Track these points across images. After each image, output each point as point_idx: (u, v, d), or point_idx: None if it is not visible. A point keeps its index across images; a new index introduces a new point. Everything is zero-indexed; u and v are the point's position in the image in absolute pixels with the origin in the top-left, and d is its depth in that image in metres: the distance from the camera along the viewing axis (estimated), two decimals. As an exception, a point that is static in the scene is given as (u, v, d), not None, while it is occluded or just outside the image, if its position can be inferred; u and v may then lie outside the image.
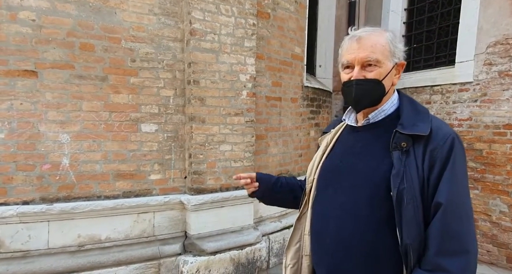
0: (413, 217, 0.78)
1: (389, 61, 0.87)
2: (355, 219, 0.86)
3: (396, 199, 0.79)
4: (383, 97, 0.90)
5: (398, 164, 0.81)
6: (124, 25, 2.22)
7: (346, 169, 0.92)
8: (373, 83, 0.87)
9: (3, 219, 1.97)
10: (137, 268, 2.26)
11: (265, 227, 2.90)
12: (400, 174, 0.80)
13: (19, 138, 2.01)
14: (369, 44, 0.86)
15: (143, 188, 2.38)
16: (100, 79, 2.18)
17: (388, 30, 0.90)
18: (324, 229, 0.93)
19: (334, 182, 0.94)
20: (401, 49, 0.89)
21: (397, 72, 0.91)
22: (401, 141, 0.83)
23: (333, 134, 1.04)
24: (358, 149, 0.93)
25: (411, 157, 0.81)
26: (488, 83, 3.09)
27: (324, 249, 0.94)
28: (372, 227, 0.84)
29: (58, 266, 2.06)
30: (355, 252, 0.86)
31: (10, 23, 1.93)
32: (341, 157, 0.96)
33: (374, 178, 0.85)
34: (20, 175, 2.03)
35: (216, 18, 2.43)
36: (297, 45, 3.28)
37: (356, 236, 0.85)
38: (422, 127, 0.83)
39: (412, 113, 0.87)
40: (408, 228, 0.79)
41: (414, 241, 0.79)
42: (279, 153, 3.11)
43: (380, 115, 0.92)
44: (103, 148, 2.23)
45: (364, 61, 0.86)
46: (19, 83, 1.99)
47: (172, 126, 2.45)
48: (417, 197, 0.79)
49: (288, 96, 3.17)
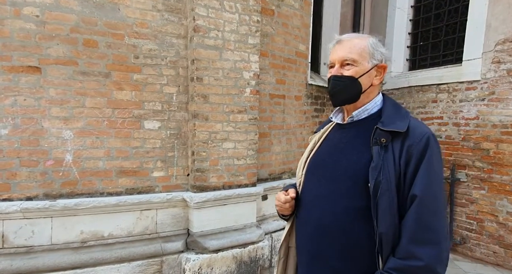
0: (387, 207, 0.85)
1: (366, 61, 0.95)
2: (335, 208, 0.93)
3: (373, 190, 0.86)
4: (360, 95, 0.97)
5: (377, 158, 0.88)
6: (128, 22, 2.21)
7: (330, 163, 0.99)
8: (348, 80, 0.95)
9: (7, 214, 1.98)
10: (140, 265, 2.27)
11: (268, 225, 2.88)
12: (378, 167, 0.86)
13: (22, 133, 2.02)
14: (348, 45, 0.96)
15: (146, 185, 2.37)
16: (103, 75, 2.18)
17: (374, 37, 0.99)
18: (307, 216, 1.01)
19: (318, 174, 1.01)
20: (382, 53, 0.97)
21: (378, 74, 0.98)
22: (381, 137, 0.90)
23: (322, 133, 1.12)
24: (342, 144, 1.00)
25: (389, 152, 0.88)
26: (496, 82, 3.03)
27: (305, 236, 1.02)
28: (350, 216, 0.90)
29: (61, 262, 2.06)
30: (333, 239, 0.93)
31: (14, 19, 1.94)
32: (327, 153, 1.03)
33: (355, 171, 0.92)
34: (23, 171, 2.04)
35: (219, 14, 2.41)
36: (302, 42, 3.25)
37: (335, 224, 0.92)
38: (400, 125, 0.90)
39: (393, 113, 0.95)
40: (383, 217, 0.85)
41: (388, 230, 0.85)
42: (282, 151, 3.09)
43: (363, 114, 1.00)
44: (106, 145, 2.23)
45: (342, 60, 0.96)
46: (23, 79, 1.99)
47: (175, 124, 2.44)
48: (392, 189, 0.85)
49: (292, 94, 3.14)
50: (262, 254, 2.64)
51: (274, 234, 2.89)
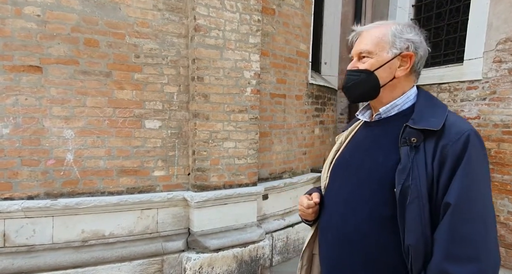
0: (417, 216, 0.74)
1: (385, 52, 0.85)
2: (357, 215, 0.84)
3: (400, 196, 0.76)
4: (378, 89, 0.87)
5: (405, 159, 0.77)
6: (129, 21, 2.21)
7: (354, 165, 0.91)
8: (362, 73, 0.87)
9: (9, 213, 1.99)
10: (141, 264, 2.27)
11: (269, 225, 2.88)
12: (406, 170, 0.76)
13: (24, 133, 2.02)
14: (365, 36, 0.88)
15: (146, 184, 2.38)
16: (104, 75, 2.18)
17: (399, 23, 0.87)
18: (328, 223, 0.93)
19: (341, 177, 0.93)
20: (409, 39, 0.84)
21: (403, 64, 0.86)
22: (411, 136, 0.79)
23: (349, 132, 1.03)
24: (367, 144, 0.91)
25: (420, 153, 0.77)
26: (497, 81, 3.03)
27: (326, 244, 0.94)
28: (374, 225, 0.81)
29: (62, 261, 2.07)
30: (355, 249, 0.84)
31: (15, 19, 1.94)
32: (351, 153, 0.95)
33: (380, 174, 0.82)
34: (25, 170, 2.04)
35: (220, 14, 2.40)
36: (302, 41, 3.25)
37: (357, 233, 0.84)
38: (433, 122, 0.78)
39: (427, 109, 0.83)
40: (411, 228, 0.75)
41: (417, 242, 0.74)
42: (283, 151, 3.09)
43: (392, 110, 0.89)
44: (107, 144, 2.23)
45: (358, 53, 0.89)
46: (24, 78, 1.99)
47: (176, 123, 2.44)
48: (423, 195, 0.74)
49: (293, 93, 3.14)
50: (263, 253, 2.64)
51: (274, 233, 2.89)
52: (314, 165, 3.51)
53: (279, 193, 3.01)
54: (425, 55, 0.88)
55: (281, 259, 2.95)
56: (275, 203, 3.01)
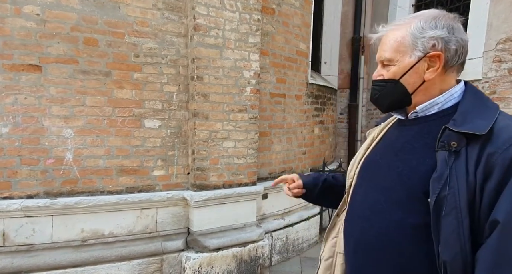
0: (454, 230, 0.66)
1: (407, 56, 0.77)
2: (382, 222, 0.78)
3: (434, 207, 0.68)
4: (409, 96, 0.79)
5: (442, 166, 0.69)
6: (128, 20, 2.21)
7: (384, 167, 0.83)
8: (388, 83, 0.81)
9: (8, 212, 1.99)
10: (140, 264, 2.27)
11: (268, 224, 2.88)
12: (443, 178, 0.67)
13: (23, 132, 2.02)
14: (385, 42, 0.81)
15: (146, 184, 2.38)
16: (103, 74, 2.18)
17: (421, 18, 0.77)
18: (351, 228, 0.88)
19: (369, 179, 0.87)
20: (434, 37, 0.74)
21: (432, 65, 0.76)
22: (451, 139, 0.69)
23: (382, 128, 0.95)
24: (399, 145, 0.82)
25: (461, 160, 0.68)
26: (497, 81, 3.03)
27: (349, 250, 0.89)
28: (402, 234, 0.74)
29: (62, 260, 2.07)
30: (379, 257, 0.78)
31: (15, 18, 1.94)
32: (382, 153, 0.87)
33: (411, 180, 0.75)
34: (24, 169, 2.04)
35: (220, 13, 2.40)
36: (302, 41, 3.24)
37: (382, 242, 0.77)
38: (479, 125, 0.68)
39: (473, 109, 0.73)
40: (447, 242, 0.67)
41: (454, 259, 0.66)
42: (282, 150, 3.09)
43: (432, 109, 0.79)
44: (107, 143, 2.23)
45: (380, 60, 0.83)
46: (24, 77, 1.99)
47: (176, 123, 2.44)
48: (462, 208, 0.66)
49: (293, 93, 3.14)
50: (262, 253, 2.64)
51: (274, 233, 2.89)
52: (314, 164, 3.52)
53: (278, 192, 3.01)
54: (462, 45, 0.75)
55: (280, 259, 2.96)
56: (275, 203, 3.01)
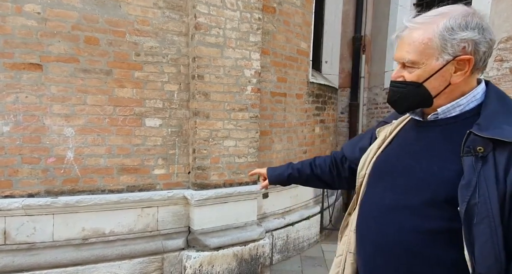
0: (488, 240, 0.63)
1: (434, 59, 0.72)
2: (399, 226, 0.76)
3: (465, 216, 0.65)
4: (431, 99, 0.76)
5: (470, 172, 0.66)
6: (129, 19, 2.20)
7: (400, 169, 0.80)
8: (409, 86, 0.76)
9: (9, 211, 1.99)
10: (141, 262, 2.27)
11: (269, 223, 2.88)
12: (472, 185, 0.65)
13: (24, 130, 2.02)
14: (407, 42, 0.75)
15: (147, 183, 2.38)
16: (104, 73, 2.18)
17: (451, 16, 0.71)
18: (366, 231, 0.86)
19: (384, 181, 0.83)
20: (466, 39, 0.69)
21: (460, 69, 0.72)
22: (477, 144, 0.67)
23: (394, 127, 0.92)
24: (418, 147, 0.79)
25: (489, 166, 0.65)
26: (498, 80, 3.02)
27: (364, 253, 0.87)
28: (418, 238, 0.73)
29: (63, 259, 2.07)
30: (397, 262, 0.76)
31: (16, 16, 1.94)
32: (398, 155, 0.84)
33: (432, 185, 0.72)
34: (25, 168, 2.04)
35: (221, 12, 2.40)
36: (303, 40, 3.24)
37: (399, 245, 0.76)
38: (507, 131, 0.65)
39: (498, 112, 0.70)
40: (482, 253, 0.64)
41: (489, 271, 0.64)
42: (283, 149, 3.08)
43: (453, 111, 0.75)
44: (108, 142, 2.23)
45: (401, 61, 0.77)
46: (25, 76, 1.99)
47: (176, 121, 2.44)
48: (494, 216, 0.63)
49: (293, 92, 3.14)
50: (263, 252, 2.64)
51: (275, 232, 2.89)
52: (315, 163, 3.51)
53: (279, 191, 3.01)
54: (491, 47, 0.72)
55: (281, 258, 2.96)
56: (275, 202, 3.01)
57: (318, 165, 1.18)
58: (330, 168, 1.15)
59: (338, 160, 1.15)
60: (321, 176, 1.17)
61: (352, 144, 1.11)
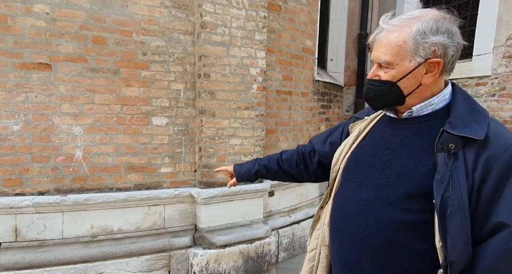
0: (459, 230, 0.69)
1: (407, 61, 0.77)
2: (379, 219, 0.80)
3: (440, 208, 0.70)
4: (403, 98, 0.81)
5: (443, 168, 0.71)
6: (136, 18, 2.22)
7: (377, 164, 0.85)
8: (384, 84, 0.81)
9: (20, 209, 2.02)
10: (148, 260, 2.30)
11: (275, 221, 2.89)
12: (446, 179, 0.70)
13: (34, 129, 2.05)
14: (383, 43, 0.79)
15: (154, 181, 2.40)
16: (112, 72, 2.20)
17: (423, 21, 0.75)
18: (344, 224, 0.89)
19: (360, 176, 0.87)
20: (436, 43, 0.74)
21: (430, 70, 0.77)
22: (449, 142, 0.73)
23: (368, 123, 0.96)
24: (394, 144, 0.84)
25: (459, 161, 0.71)
26: (507, 77, 2.98)
27: (341, 246, 0.90)
28: (396, 230, 0.77)
29: (72, 256, 2.11)
30: (374, 253, 0.81)
31: (25, 17, 1.96)
32: (374, 150, 0.88)
33: (409, 180, 0.77)
34: (35, 166, 2.07)
35: (227, 11, 2.40)
36: (309, 38, 3.23)
37: (378, 238, 0.80)
38: (476, 130, 0.72)
39: (466, 112, 0.77)
40: (454, 242, 0.70)
41: (459, 258, 0.70)
42: (289, 148, 3.08)
43: (426, 109, 0.81)
44: (115, 141, 2.25)
45: (377, 61, 0.82)
46: (34, 76, 2.02)
47: (183, 120, 2.45)
48: (465, 207, 0.69)
49: (299, 90, 3.13)
50: (269, 249, 2.65)
51: (280, 230, 2.90)
52: (320, 162, 3.50)
53: (284, 190, 3.02)
54: (458, 49, 0.78)
55: (287, 256, 2.96)
56: (281, 200, 3.02)
57: (285, 159, 1.21)
58: (297, 162, 1.18)
59: (306, 154, 1.18)
60: (288, 170, 1.20)
61: (322, 138, 1.14)
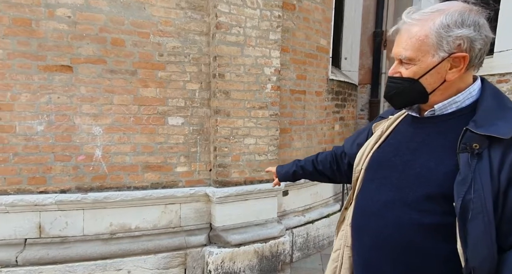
0: (482, 234, 0.65)
1: (430, 56, 0.73)
2: (398, 221, 0.77)
3: (460, 211, 0.67)
4: (427, 96, 0.77)
5: (465, 169, 0.68)
6: (153, 20, 2.26)
7: (397, 165, 0.82)
8: (406, 82, 0.77)
9: (43, 206, 2.10)
10: (165, 257, 2.34)
11: (289, 221, 2.89)
12: (468, 181, 0.66)
13: (56, 130, 2.12)
14: (404, 38, 0.75)
15: (170, 180, 2.44)
16: (130, 73, 2.24)
17: (447, 13, 0.71)
18: (364, 225, 0.87)
19: (381, 176, 0.85)
20: (459, 37, 0.70)
21: (455, 65, 0.73)
22: (473, 141, 0.68)
23: (391, 122, 0.93)
24: (415, 144, 0.81)
25: (483, 162, 0.67)
26: (531, 74, 2.87)
27: (361, 247, 0.89)
28: (415, 232, 0.75)
29: (92, 252, 2.17)
30: (393, 255, 0.79)
31: (48, 20, 2.03)
32: (395, 150, 0.85)
33: (429, 181, 0.74)
34: (58, 165, 2.14)
35: (241, 11, 2.41)
36: (323, 37, 3.20)
37: (398, 239, 0.77)
38: (502, 128, 0.67)
39: (493, 109, 0.72)
40: (476, 247, 0.66)
41: (482, 264, 0.66)
42: (303, 147, 3.07)
43: (450, 108, 0.77)
44: (133, 140, 2.30)
45: (398, 57, 0.78)
46: (56, 77, 2.09)
47: (198, 120, 2.48)
48: (488, 211, 0.65)
49: (313, 89, 3.11)
50: (283, 249, 2.65)
51: (295, 229, 2.89)
52: (334, 161, 3.47)
53: (299, 189, 3.01)
54: (486, 43, 0.72)
55: (301, 256, 2.96)
56: (295, 199, 3.01)
57: (320, 161, 1.26)
58: (331, 163, 1.22)
59: (338, 155, 1.21)
60: (323, 171, 1.25)
61: (352, 139, 1.15)
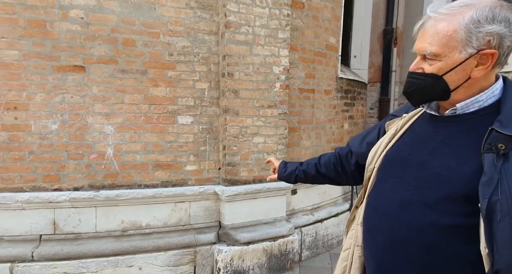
0: (510, 236, 0.64)
1: (457, 51, 0.70)
2: (415, 221, 0.75)
3: (486, 213, 0.65)
4: (449, 93, 0.75)
5: (491, 169, 0.66)
6: (163, 20, 2.28)
7: (414, 164, 0.80)
8: (428, 78, 0.74)
9: (57, 203, 2.15)
10: (175, 255, 2.37)
11: (297, 220, 2.89)
12: (494, 182, 0.65)
13: (70, 128, 2.17)
14: (429, 33, 0.72)
15: (179, 178, 2.46)
16: (140, 73, 2.27)
17: (478, 8, 0.68)
18: (377, 225, 0.85)
19: (396, 176, 0.83)
20: (489, 33, 0.67)
21: (482, 63, 0.71)
22: (498, 141, 0.67)
23: (406, 120, 0.91)
24: (435, 143, 0.78)
25: (510, 163, 0.65)
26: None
27: (374, 248, 0.87)
28: (434, 233, 0.73)
29: (105, 249, 2.21)
30: (410, 256, 0.77)
31: (62, 22, 2.07)
32: (411, 149, 0.83)
33: (451, 181, 0.72)
34: (71, 163, 2.19)
35: (250, 10, 2.41)
36: (332, 35, 3.18)
37: (415, 240, 0.75)
38: None
39: None
40: (503, 249, 0.64)
41: (508, 267, 0.64)
42: (311, 146, 3.06)
43: (472, 107, 0.75)
44: (143, 139, 2.33)
45: (422, 53, 0.75)
46: (70, 77, 2.13)
47: (207, 119, 2.50)
48: None
49: (322, 88, 3.09)
50: (292, 247, 2.65)
51: (303, 228, 2.89)
52: (343, 160, 3.45)
53: (307, 188, 3.00)
54: None
55: (310, 254, 2.95)
56: (304, 198, 3.00)
57: (322, 164, 1.21)
58: (335, 165, 1.17)
59: (343, 156, 1.15)
60: (326, 173, 1.20)
61: (359, 139, 1.10)
